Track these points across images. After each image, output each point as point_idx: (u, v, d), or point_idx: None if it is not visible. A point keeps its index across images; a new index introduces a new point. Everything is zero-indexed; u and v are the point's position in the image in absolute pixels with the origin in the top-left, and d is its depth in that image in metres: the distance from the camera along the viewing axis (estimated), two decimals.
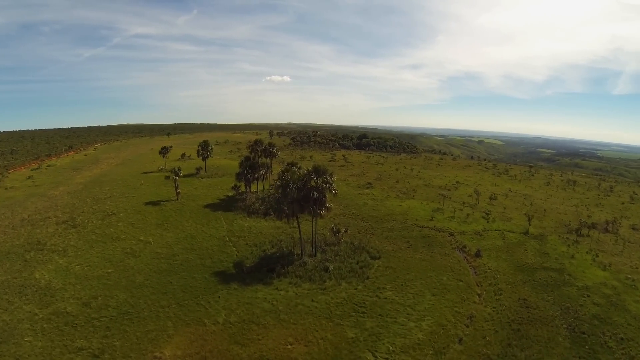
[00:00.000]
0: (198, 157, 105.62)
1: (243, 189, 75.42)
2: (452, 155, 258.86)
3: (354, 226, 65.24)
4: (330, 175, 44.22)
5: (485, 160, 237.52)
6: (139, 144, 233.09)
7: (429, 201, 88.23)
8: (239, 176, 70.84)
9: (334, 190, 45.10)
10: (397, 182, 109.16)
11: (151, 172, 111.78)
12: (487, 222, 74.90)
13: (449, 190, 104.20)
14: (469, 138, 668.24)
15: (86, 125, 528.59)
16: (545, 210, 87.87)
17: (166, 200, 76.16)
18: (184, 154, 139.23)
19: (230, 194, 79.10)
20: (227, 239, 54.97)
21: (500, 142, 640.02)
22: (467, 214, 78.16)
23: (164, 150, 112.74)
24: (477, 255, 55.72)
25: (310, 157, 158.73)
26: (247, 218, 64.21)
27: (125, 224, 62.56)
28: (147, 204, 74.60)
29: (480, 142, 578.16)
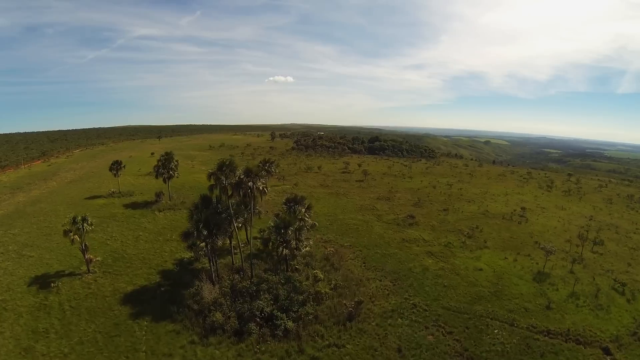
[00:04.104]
0: (157, 177, 69.12)
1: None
2: (475, 160, 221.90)
3: (431, 353, 29.01)
4: None
5: (513, 166, 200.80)
6: (124, 149, 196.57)
7: (514, 252, 53.06)
8: (186, 237, 33.21)
9: None
10: (445, 210, 72.75)
11: (98, 197, 75.74)
12: (628, 301, 41.46)
13: (519, 223, 69.35)
14: (475, 139, 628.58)
15: (87, 127, 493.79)
16: None
17: (69, 274, 39.81)
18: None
19: (187, 256, 42.65)
20: None
21: (506, 143, 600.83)
22: (596, 289, 43.27)
23: (116, 167, 76.01)
24: None
25: (319, 167, 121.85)
26: (199, 346, 27.66)
27: None
28: (34, 281, 38.33)
29: (487, 142, 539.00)
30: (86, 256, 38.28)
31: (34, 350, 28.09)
